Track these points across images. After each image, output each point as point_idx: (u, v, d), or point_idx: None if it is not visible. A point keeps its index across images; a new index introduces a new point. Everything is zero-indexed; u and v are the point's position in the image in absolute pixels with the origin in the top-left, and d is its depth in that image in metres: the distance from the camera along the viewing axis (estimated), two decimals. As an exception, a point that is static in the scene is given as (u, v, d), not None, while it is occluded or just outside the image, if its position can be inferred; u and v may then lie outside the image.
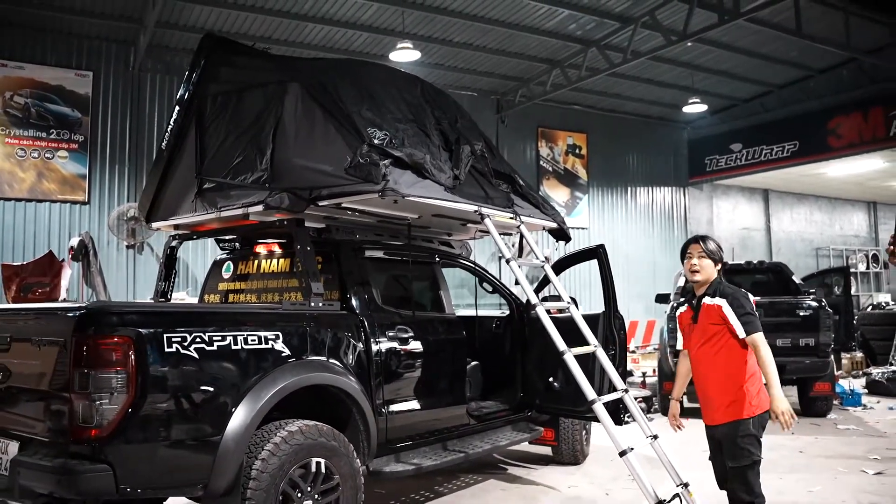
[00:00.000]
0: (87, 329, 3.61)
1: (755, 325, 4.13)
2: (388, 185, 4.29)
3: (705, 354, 4.28)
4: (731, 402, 4.15)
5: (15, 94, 11.78)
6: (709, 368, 4.27)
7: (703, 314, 4.26)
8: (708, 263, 4.31)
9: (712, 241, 4.42)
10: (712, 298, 4.21)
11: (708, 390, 4.29)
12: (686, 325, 4.44)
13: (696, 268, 4.31)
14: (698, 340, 4.31)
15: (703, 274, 4.31)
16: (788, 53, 15.48)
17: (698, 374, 4.36)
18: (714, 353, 4.23)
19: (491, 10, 12.68)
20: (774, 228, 22.61)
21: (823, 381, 9.61)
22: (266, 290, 5.52)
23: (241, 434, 3.93)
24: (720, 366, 4.21)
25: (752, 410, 4.12)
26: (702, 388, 4.35)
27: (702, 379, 4.33)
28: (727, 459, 4.21)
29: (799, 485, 6.43)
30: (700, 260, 4.31)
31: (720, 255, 4.36)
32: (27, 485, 3.64)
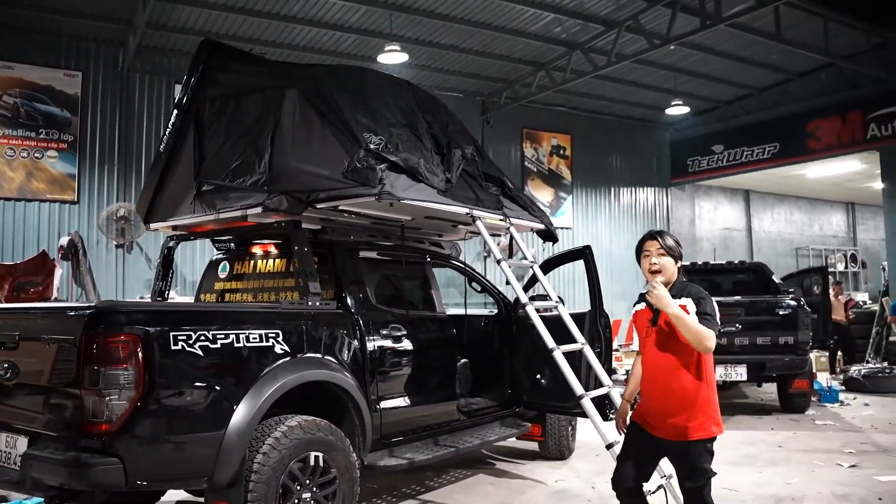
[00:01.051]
0: (97, 327, 3.73)
1: (713, 325, 3.71)
2: (385, 189, 4.45)
3: (666, 362, 3.82)
4: (692, 419, 3.74)
5: (4, 93, 11.81)
6: (669, 378, 3.80)
7: (664, 315, 3.79)
8: (668, 261, 3.92)
9: (670, 237, 4.03)
10: (677, 299, 3.77)
11: (665, 403, 3.82)
12: (643, 327, 3.98)
13: (657, 267, 3.90)
14: (658, 345, 3.86)
15: (664, 273, 3.90)
16: (769, 57, 15.75)
17: (654, 382, 3.90)
18: (675, 361, 3.79)
19: (477, 13, 12.84)
20: (755, 228, 22.94)
21: (802, 378, 9.84)
22: (262, 290, 5.65)
23: (243, 428, 4.07)
24: (682, 376, 3.78)
25: (714, 431, 3.80)
26: (657, 398, 3.87)
27: (659, 388, 3.86)
28: (683, 480, 3.86)
29: (777, 477, 6.65)
30: (660, 258, 3.91)
31: (679, 252, 3.99)
32: (39, 478, 3.76)
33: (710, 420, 3.78)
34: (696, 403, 3.75)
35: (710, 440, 3.80)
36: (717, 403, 3.86)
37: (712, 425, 3.78)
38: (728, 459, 7.38)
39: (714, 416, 3.81)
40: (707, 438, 3.77)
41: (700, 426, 3.74)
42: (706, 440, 3.78)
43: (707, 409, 3.78)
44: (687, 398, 3.76)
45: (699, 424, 3.74)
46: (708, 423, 3.77)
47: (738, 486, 6.36)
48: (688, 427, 3.74)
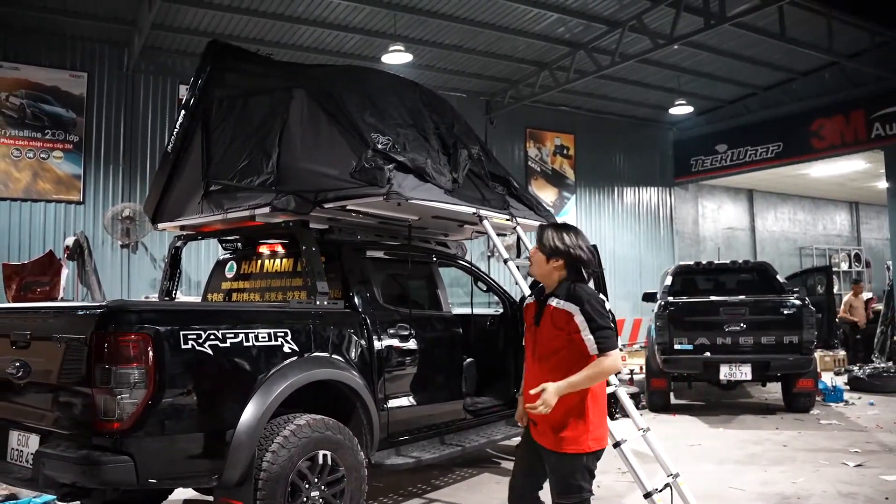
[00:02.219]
0: (108, 326, 3.76)
1: (612, 342, 3.38)
2: (393, 189, 4.48)
3: (542, 367, 3.50)
4: (566, 430, 3.43)
5: (10, 94, 11.85)
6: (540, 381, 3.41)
7: (547, 318, 3.49)
8: (539, 258, 3.57)
9: (552, 231, 3.60)
10: (560, 301, 3.44)
11: None
12: (529, 323, 3.66)
13: (531, 260, 3.63)
14: (539, 345, 3.54)
15: (533, 268, 3.62)
16: (772, 56, 15.74)
17: (529, 382, 3.55)
18: (551, 369, 3.44)
19: (481, 14, 12.86)
20: (759, 228, 22.92)
21: (807, 378, 9.85)
22: (270, 290, 5.68)
23: (253, 427, 4.10)
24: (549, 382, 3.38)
25: (591, 445, 3.45)
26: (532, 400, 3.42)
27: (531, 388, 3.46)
28: (554, 492, 3.53)
29: (782, 476, 6.66)
30: (534, 254, 3.61)
31: (553, 248, 3.53)
32: (51, 475, 3.79)
33: (586, 434, 3.43)
34: (571, 413, 3.42)
35: (589, 455, 3.46)
36: (600, 416, 3.51)
37: (589, 440, 3.44)
38: (733, 458, 7.42)
39: (593, 429, 3.45)
40: (582, 453, 3.42)
41: (574, 439, 3.41)
42: (582, 455, 3.43)
43: (585, 422, 3.43)
44: (562, 407, 3.37)
45: (573, 437, 3.41)
46: (584, 437, 3.43)
47: (743, 484, 6.38)
48: (561, 438, 3.43)
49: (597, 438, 3.47)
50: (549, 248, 3.53)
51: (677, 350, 9.77)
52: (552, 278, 3.53)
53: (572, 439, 3.41)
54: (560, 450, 3.42)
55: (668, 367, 9.89)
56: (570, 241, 3.54)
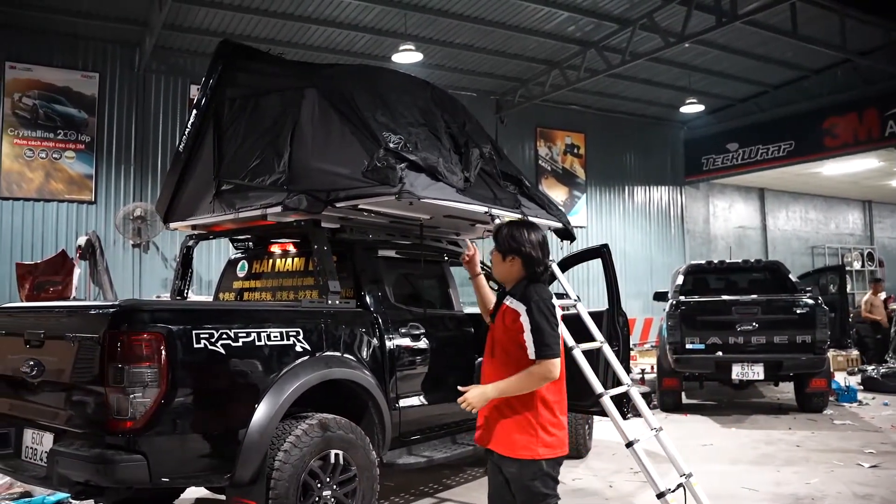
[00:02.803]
0: (121, 326, 3.77)
1: (550, 349, 3.23)
2: (405, 188, 4.47)
3: (493, 364, 3.45)
4: (517, 437, 3.31)
5: (23, 95, 11.92)
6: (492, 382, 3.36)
7: (500, 316, 3.43)
8: (496, 258, 3.52)
9: (507, 230, 3.52)
10: (512, 300, 3.36)
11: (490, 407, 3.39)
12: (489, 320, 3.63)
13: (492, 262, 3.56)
14: (492, 343, 3.48)
15: (495, 270, 3.55)
16: (784, 54, 15.67)
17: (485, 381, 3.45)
18: (499, 366, 3.39)
19: (491, 13, 12.84)
20: (770, 227, 22.82)
21: (820, 378, 9.80)
22: (281, 289, 5.68)
23: (265, 426, 4.10)
24: None
25: (542, 453, 3.30)
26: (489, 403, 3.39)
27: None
28: (518, 499, 3.39)
29: (796, 477, 6.62)
30: (495, 254, 3.54)
31: (509, 247, 3.46)
32: (66, 473, 3.80)
33: (537, 439, 3.29)
34: (520, 419, 3.31)
35: (547, 461, 3.31)
36: (552, 422, 3.35)
37: (539, 446, 3.29)
38: (746, 458, 7.39)
39: (544, 436, 3.31)
40: (538, 459, 3.29)
41: (525, 445, 3.29)
42: (539, 461, 3.29)
43: (533, 428, 3.30)
44: (513, 409, 3.32)
45: (525, 442, 3.29)
46: (534, 442, 3.29)
47: (756, 485, 6.35)
48: (514, 443, 3.31)
49: (548, 445, 3.30)
50: (504, 246, 3.47)
51: (689, 349, 9.73)
52: (511, 277, 3.47)
53: (523, 445, 3.29)
54: (515, 455, 3.30)
55: (679, 367, 9.85)
56: (522, 238, 3.45)
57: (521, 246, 3.42)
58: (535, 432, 3.28)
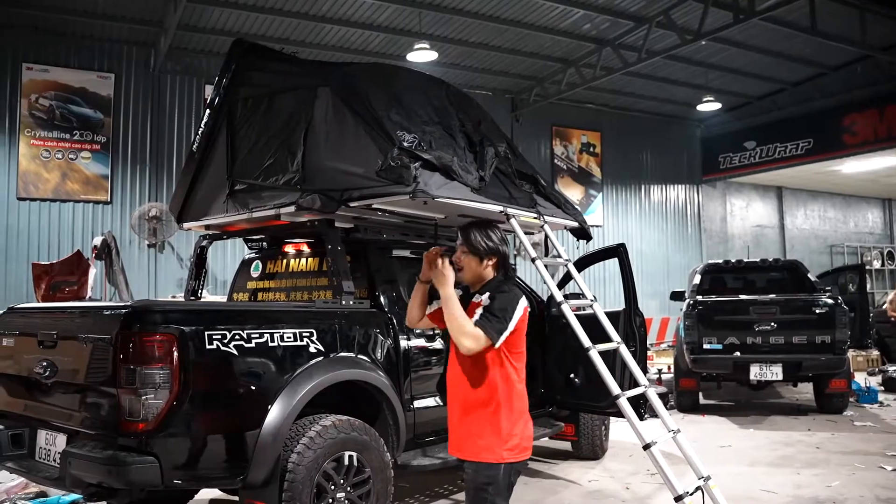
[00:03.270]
0: (133, 327, 3.75)
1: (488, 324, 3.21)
2: (419, 187, 4.41)
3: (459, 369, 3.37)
4: (480, 437, 3.26)
5: (40, 96, 12.00)
6: (460, 383, 3.35)
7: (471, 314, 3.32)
8: (471, 261, 3.46)
9: (478, 232, 3.47)
10: (483, 296, 3.36)
11: (456, 413, 3.39)
12: None
13: (461, 265, 3.48)
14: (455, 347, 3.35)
15: (466, 272, 3.48)
16: (802, 51, 15.51)
17: (452, 387, 3.43)
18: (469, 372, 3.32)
19: (506, 11, 12.79)
20: (788, 226, 22.62)
21: (840, 378, 9.68)
22: (295, 289, 5.65)
23: (278, 428, 4.06)
24: (475, 385, 3.30)
25: (506, 456, 3.23)
26: (450, 406, 3.44)
27: (452, 394, 3.43)
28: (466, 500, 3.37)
29: (817, 479, 6.52)
30: (463, 255, 3.48)
31: (488, 248, 3.43)
32: (78, 475, 3.79)
33: (499, 442, 3.23)
34: (484, 423, 3.25)
35: (506, 466, 3.23)
36: (518, 425, 3.29)
37: (503, 449, 3.22)
38: (765, 460, 7.30)
39: (508, 439, 3.24)
40: (499, 463, 3.21)
41: (488, 447, 3.23)
42: (499, 465, 3.21)
43: (498, 431, 3.24)
44: (481, 408, 3.27)
45: (487, 445, 3.24)
46: (497, 444, 3.23)
47: (775, 487, 6.27)
48: (477, 445, 3.26)
49: (512, 449, 3.24)
50: (483, 248, 3.44)
51: (706, 350, 9.64)
52: (483, 278, 3.47)
53: (486, 446, 3.24)
54: (477, 459, 3.24)
55: (697, 367, 9.76)
56: (496, 238, 3.49)
57: (499, 246, 3.48)
58: (500, 435, 3.24)
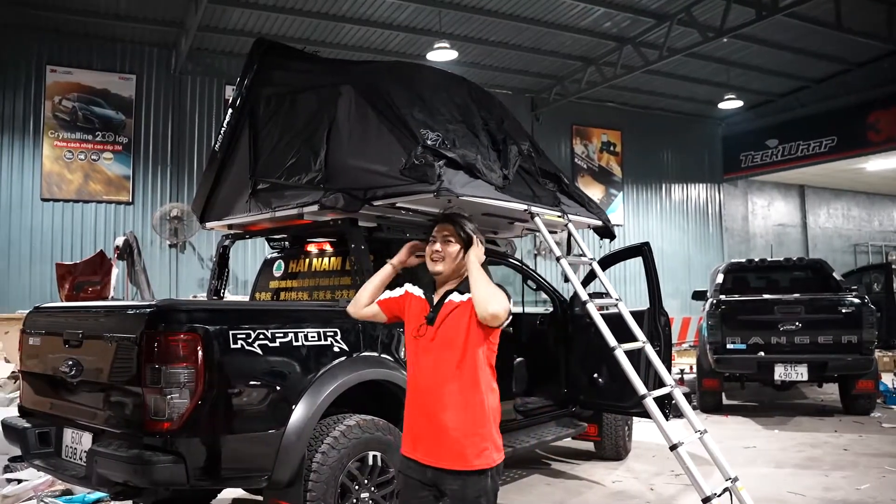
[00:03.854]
0: (158, 326, 3.74)
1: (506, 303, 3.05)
2: (443, 186, 4.39)
3: (445, 368, 3.05)
4: (472, 442, 2.99)
5: (63, 98, 12.12)
6: (449, 387, 3.03)
7: (450, 315, 3.09)
8: (454, 250, 3.18)
9: (469, 223, 3.25)
10: (465, 295, 3.09)
11: (439, 419, 3.03)
12: (415, 321, 3.21)
13: (440, 255, 3.18)
14: (433, 347, 3.10)
15: (447, 263, 3.18)
16: (826, 47, 15.34)
17: (426, 392, 3.10)
18: (455, 370, 3.04)
19: (527, 9, 12.75)
20: (811, 225, 22.40)
21: (867, 379, 9.54)
22: (318, 288, 5.63)
23: (303, 427, 4.04)
24: (465, 385, 3.03)
25: (496, 458, 3.05)
26: (428, 413, 3.07)
27: (431, 400, 3.06)
28: None
29: (846, 482, 6.42)
30: (446, 245, 3.19)
31: (469, 239, 3.20)
32: (104, 474, 3.78)
33: (492, 443, 3.04)
34: (477, 420, 3.03)
35: (494, 471, 3.04)
36: (497, 422, 3.10)
37: (494, 451, 3.04)
38: (791, 462, 7.21)
39: (497, 438, 3.07)
40: (489, 468, 3.01)
41: (482, 452, 3.00)
42: (488, 470, 3.01)
43: (492, 429, 3.05)
44: (469, 413, 3.02)
45: (481, 450, 3.00)
46: (490, 447, 3.03)
47: (803, 489, 6.18)
48: (466, 452, 2.99)
49: (499, 449, 3.07)
50: (468, 238, 3.18)
51: (730, 349, 9.54)
52: (460, 273, 3.18)
53: (479, 452, 3.00)
54: (467, 467, 2.98)
55: (720, 367, 9.66)
56: (476, 230, 3.24)
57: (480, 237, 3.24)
58: (492, 434, 3.05)
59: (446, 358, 3.05)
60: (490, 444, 3.02)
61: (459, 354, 3.03)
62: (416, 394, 3.15)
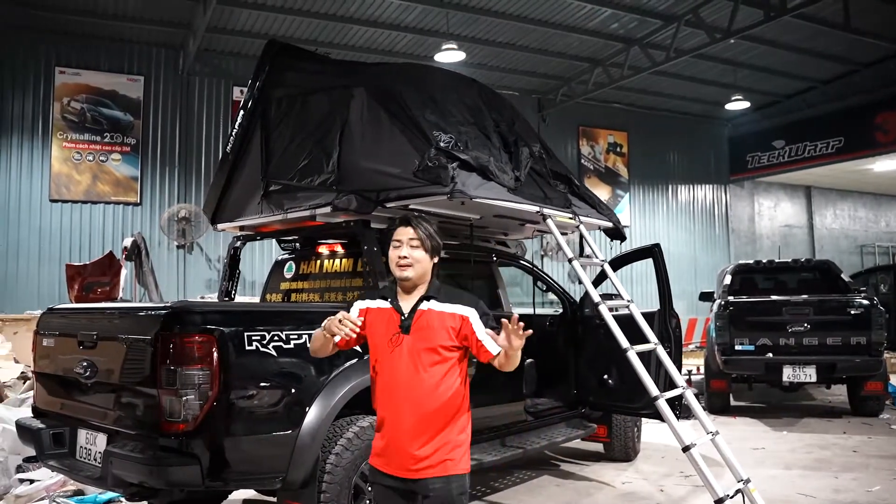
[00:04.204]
0: (173, 327, 3.75)
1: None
2: (457, 188, 4.40)
3: (417, 380, 2.98)
4: (449, 449, 2.98)
5: (72, 99, 12.16)
6: (429, 397, 2.97)
7: (426, 325, 3.02)
8: (422, 256, 3.07)
9: (428, 225, 3.14)
10: (440, 303, 3.06)
11: (415, 429, 2.96)
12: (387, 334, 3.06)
13: (408, 261, 3.05)
14: (407, 358, 3.00)
15: (416, 269, 3.05)
16: (833, 48, 15.30)
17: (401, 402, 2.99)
18: (434, 381, 2.98)
19: (534, 11, 12.76)
20: (817, 225, 22.36)
21: (875, 381, 9.51)
22: (329, 290, 5.64)
23: (316, 429, 4.05)
24: (440, 399, 2.98)
25: (468, 465, 3.07)
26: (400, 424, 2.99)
27: (407, 410, 2.97)
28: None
29: (856, 484, 6.40)
30: (413, 251, 3.06)
31: (439, 245, 3.13)
32: (120, 474, 3.79)
33: (467, 449, 3.06)
34: (457, 428, 3.02)
35: (467, 476, 3.05)
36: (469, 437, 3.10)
37: (467, 460, 3.06)
38: (800, 463, 7.20)
39: (468, 445, 3.08)
40: (465, 473, 3.03)
41: (461, 457, 3.02)
42: (465, 475, 3.03)
43: (466, 437, 3.06)
44: (449, 421, 3.00)
45: (461, 454, 3.02)
46: (466, 452, 3.05)
47: (813, 491, 6.16)
48: (449, 458, 2.97)
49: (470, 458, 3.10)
50: (436, 245, 3.10)
51: (738, 351, 9.52)
52: (425, 279, 3.10)
53: (460, 457, 3.01)
54: (448, 472, 2.96)
55: (728, 368, 9.65)
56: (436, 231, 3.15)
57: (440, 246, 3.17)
58: (466, 443, 3.06)
59: (423, 368, 2.97)
60: (465, 448, 3.03)
61: (440, 365, 2.99)
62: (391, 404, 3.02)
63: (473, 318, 3.04)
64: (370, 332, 3.11)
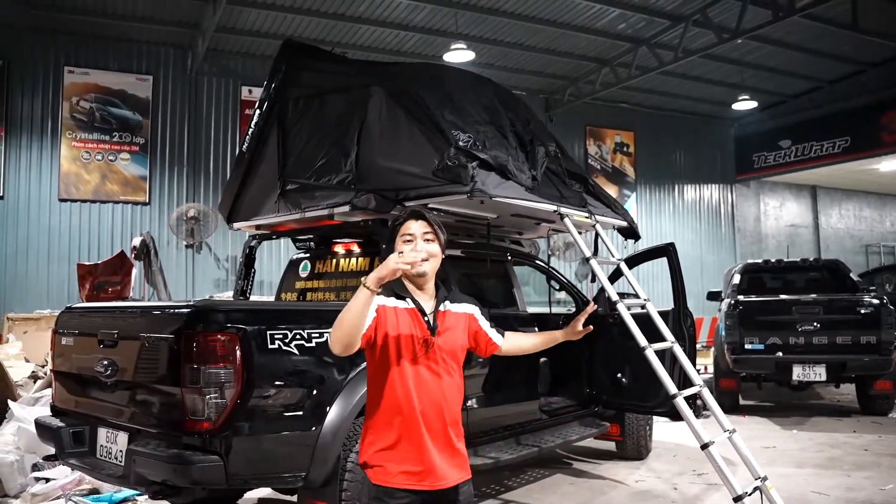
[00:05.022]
0: (196, 326, 3.76)
1: None
2: (477, 187, 4.41)
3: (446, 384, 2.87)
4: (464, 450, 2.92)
5: (81, 99, 12.18)
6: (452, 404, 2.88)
7: (452, 327, 2.94)
8: (437, 250, 2.94)
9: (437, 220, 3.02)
10: (454, 304, 3.00)
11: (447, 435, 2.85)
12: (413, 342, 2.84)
13: (424, 255, 2.87)
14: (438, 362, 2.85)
15: (432, 264, 2.91)
16: (840, 48, 15.32)
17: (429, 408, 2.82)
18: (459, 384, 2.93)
19: (542, 10, 12.76)
20: (822, 225, 22.35)
21: (885, 380, 9.52)
22: (345, 289, 5.64)
23: (338, 427, 4.05)
24: (460, 402, 2.94)
25: None
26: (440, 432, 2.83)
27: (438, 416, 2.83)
28: None
29: (868, 482, 6.41)
30: (428, 244, 2.91)
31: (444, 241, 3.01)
32: (143, 473, 3.80)
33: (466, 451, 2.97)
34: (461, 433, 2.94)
35: None
36: None
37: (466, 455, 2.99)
38: (812, 462, 7.20)
39: None
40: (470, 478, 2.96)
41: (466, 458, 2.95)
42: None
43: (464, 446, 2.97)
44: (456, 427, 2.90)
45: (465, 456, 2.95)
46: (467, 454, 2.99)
47: (826, 489, 6.17)
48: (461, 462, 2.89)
49: None
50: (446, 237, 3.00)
51: (748, 350, 9.53)
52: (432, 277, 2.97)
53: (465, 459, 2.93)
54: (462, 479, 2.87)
55: (737, 367, 9.66)
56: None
57: None
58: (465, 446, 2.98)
59: (446, 371, 2.87)
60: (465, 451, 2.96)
61: (455, 367, 2.92)
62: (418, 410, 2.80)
63: (479, 314, 3.08)
64: (389, 333, 2.83)
